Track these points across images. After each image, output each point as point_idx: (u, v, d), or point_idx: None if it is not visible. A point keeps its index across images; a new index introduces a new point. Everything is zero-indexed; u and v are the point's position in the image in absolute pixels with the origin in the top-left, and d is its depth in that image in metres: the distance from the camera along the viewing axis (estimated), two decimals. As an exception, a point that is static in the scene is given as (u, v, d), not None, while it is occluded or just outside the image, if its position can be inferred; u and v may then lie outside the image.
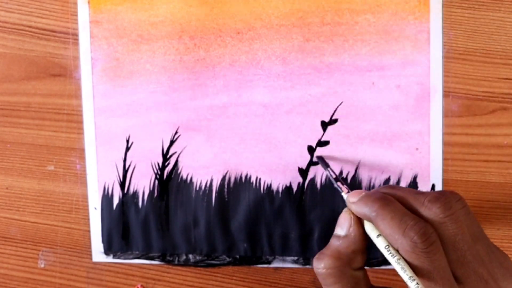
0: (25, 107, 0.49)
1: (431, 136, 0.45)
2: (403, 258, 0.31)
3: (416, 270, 0.31)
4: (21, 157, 0.50)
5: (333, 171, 0.43)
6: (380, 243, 0.32)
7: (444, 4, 0.44)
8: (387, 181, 0.46)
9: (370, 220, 0.33)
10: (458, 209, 0.32)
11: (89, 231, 0.50)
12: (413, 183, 0.46)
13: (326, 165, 0.44)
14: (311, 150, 0.47)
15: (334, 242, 0.34)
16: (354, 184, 0.46)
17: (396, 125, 0.46)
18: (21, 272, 0.51)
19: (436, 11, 0.44)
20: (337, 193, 0.47)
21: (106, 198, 0.49)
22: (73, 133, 0.49)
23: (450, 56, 0.45)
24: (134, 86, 0.48)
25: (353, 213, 0.34)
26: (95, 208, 0.49)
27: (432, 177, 0.46)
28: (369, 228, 0.33)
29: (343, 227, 0.34)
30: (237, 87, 0.47)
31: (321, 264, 0.33)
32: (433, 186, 0.46)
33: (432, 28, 0.45)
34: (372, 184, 0.46)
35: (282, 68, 0.46)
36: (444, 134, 0.45)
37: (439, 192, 0.33)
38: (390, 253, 0.31)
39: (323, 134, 0.46)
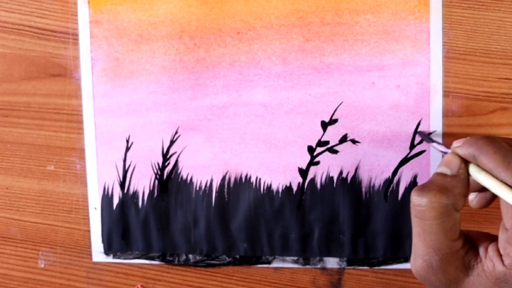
0: (25, 107, 0.49)
1: (431, 136, 0.45)
2: None
3: None
4: (21, 157, 0.50)
5: (437, 143, 0.42)
6: (485, 180, 0.32)
7: (444, 4, 0.44)
8: (387, 181, 0.46)
9: (474, 160, 0.32)
10: None
11: (89, 231, 0.50)
12: (413, 183, 0.46)
13: (430, 139, 0.44)
14: (311, 150, 0.47)
15: (439, 179, 0.33)
16: (354, 184, 0.46)
17: (396, 125, 0.46)
18: (21, 272, 0.51)
19: (436, 11, 0.44)
20: (338, 192, 0.47)
21: (106, 198, 0.49)
22: (73, 133, 0.49)
23: (450, 56, 0.45)
24: (134, 86, 0.48)
25: (461, 156, 0.34)
26: (95, 208, 0.49)
27: (432, 177, 0.46)
28: (473, 168, 0.33)
29: (451, 167, 0.33)
30: (237, 87, 0.47)
31: (425, 197, 0.32)
32: (433, 186, 0.46)
33: (432, 28, 0.45)
34: (372, 184, 0.46)
35: (282, 68, 0.46)
36: (444, 134, 0.45)
37: None
38: (496, 184, 0.31)
39: (323, 134, 0.46)
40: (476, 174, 0.33)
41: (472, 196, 0.36)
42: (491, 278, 0.31)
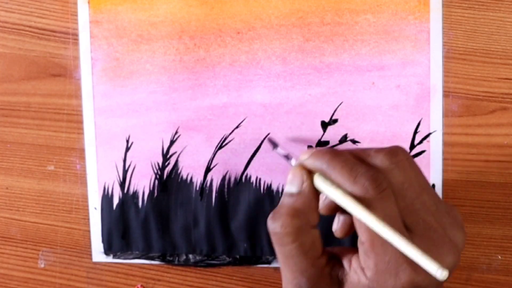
0: (25, 107, 0.49)
1: (431, 136, 0.45)
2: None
3: None
4: (21, 157, 0.50)
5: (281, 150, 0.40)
6: (331, 192, 0.31)
7: (444, 4, 0.44)
8: (387, 181, 0.46)
9: (322, 173, 0.32)
10: (404, 158, 0.32)
11: (89, 231, 0.50)
12: (413, 183, 0.46)
13: (274, 145, 0.41)
14: (311, 150, 0.47)
15: (287, 200, 0.33)
16: (354, 184, 0.46)
17: (396, 125, 0.46)
18: (21, 272, 0.51)
19: (436, 11, 0.44)
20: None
21: (106, 198, 0.49)
22: (73, 133, 0.49)
23: (450, 56, 0.45)
24: (134, 86, 0.48)
25: (304, 168, 0.32)
26: (95, 208, 0.49)
27: (432, 177, 0.46)
28: (319, 180, 0.32)
29: (294, 183, 0.33)
30: (237, 87, 0.47)
31: (278, 223, 0.32)
32: (433, 186, 0.46)
33: (432, 28, 0.45)
34: (372, 184, 0.46)
35: (282, 68, 0.46)
36: (444, 134, 0.45)
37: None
38: (341, 195, 0.30)
39: (323, 134, 0.46)
40: (322, 186, 0.32)
41: (334, 225, 0.35)
42: None
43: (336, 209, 0.34)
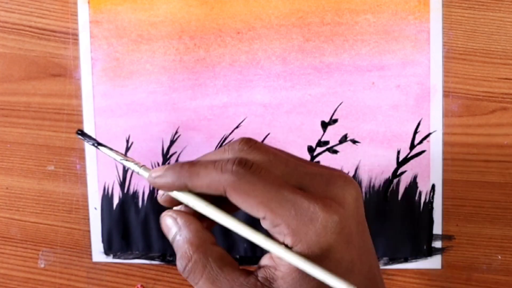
0: (25, 107, 0.49)
1: (431, 136, 0.45)
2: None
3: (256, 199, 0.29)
4: (21, 157, 0.50)
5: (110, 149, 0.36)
6: (197, 204, 0.30)
7: (444, 4, 0.44)
8: (387, 181, 0.46)
9: (186, 187, 0.30)
10: (257, 142, 0.31)
11: (89, 231, 0.50)
12: (413, 183, 0.46)
13: (96, 142, 0.37)
14: (311, 150, 0.47)
15: (179, 243, 0.32)
16: (354, 184, 0.46)
17: (396, 125, 0.46)
18: (21, 272, 0.51)
19: (436, 11, 0.44)
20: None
21: (106, 198, 0.49)
22: (73, 133, 0.49)
23: (450, 56, 0.45)
24: (134, 86, 0.48)
25: (168, 203, 0.32)
26: (95, 208, 0.49)
27: (432, 177, 0.46)
28: (183, 197, 0.31)
29: (172, 229, 0.32)
30: (237, 87, 0.47)
31: (183, 267, 0.32)
32: (433, 186, 0.46)
33: (432, 28, 0.45)
34: (372, 184, 0.46)
35: (282, 68, 0.46)
36: (444, 134, 0.45)
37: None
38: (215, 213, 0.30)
39: (323, 134, 0.46)
40: (193, 200, 0.31)
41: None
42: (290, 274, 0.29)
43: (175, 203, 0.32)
